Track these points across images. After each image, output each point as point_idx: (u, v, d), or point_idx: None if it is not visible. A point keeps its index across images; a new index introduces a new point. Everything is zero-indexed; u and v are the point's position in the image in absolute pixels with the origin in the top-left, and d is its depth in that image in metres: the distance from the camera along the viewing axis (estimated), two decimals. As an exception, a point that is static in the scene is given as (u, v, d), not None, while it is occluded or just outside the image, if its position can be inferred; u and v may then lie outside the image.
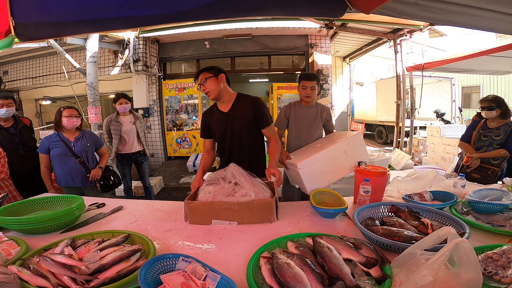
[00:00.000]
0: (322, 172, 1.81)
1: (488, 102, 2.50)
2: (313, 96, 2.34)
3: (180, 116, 6.41)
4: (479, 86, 11.18)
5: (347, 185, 3.40)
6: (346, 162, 1.88)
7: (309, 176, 1.77)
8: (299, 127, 2.39)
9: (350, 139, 1.94)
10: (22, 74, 7.03)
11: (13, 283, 0.79)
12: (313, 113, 2.39)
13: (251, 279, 0.85)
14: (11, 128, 2.47)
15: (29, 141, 2.59)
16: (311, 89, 2.29)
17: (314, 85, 2.29)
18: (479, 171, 2.51)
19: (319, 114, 2.40)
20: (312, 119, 2.39)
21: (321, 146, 2.02)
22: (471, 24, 1.45)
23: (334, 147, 1.89)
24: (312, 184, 1.77)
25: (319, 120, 2.40)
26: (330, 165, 1.84)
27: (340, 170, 1.89)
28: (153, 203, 1.73)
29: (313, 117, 2.39)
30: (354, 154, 1.90)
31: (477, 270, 0.71)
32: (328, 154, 1.85)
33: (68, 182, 2.38)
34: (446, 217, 1.22)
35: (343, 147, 1.90)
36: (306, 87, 2.29)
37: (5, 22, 1.37)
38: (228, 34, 5.96)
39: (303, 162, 1.78)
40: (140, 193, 4.33)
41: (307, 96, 2.32)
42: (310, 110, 2.40)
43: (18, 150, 2.46)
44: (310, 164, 1.78)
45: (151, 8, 1.42)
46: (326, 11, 1.53)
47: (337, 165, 1.86)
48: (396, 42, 5.62)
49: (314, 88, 2.30)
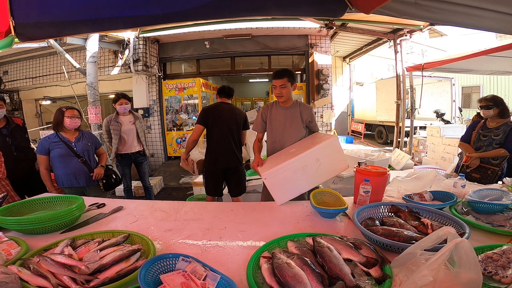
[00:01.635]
0: (292, 182, 1.64)
1: (486, 101, 2.51)
2: (287, 95, 2.11)
3: (180, 116, 6.41)
4: (479, 86, 11.18)
5: (347, 185, 3.40)
6: (319, 171, 1.68)
7: (276, 186, 1.62)
8: (275, 129, 2.19)
9: (323, 145, 1.71)
10: (22, 74, 7.03)
11: (14, 283, 0.79)
12: (291, 114, 2.16)
13: (251, 279, 0.86)
14: (3, 129, 2.44)
15: (21, 141, 2.56)
16: (281, 87, 2.07)
17: (285, 83, 2.06)
18: (479, 171, 2.51)
19: (299, 115, 2.16)
20: (290, 120, 2.16)
21: (294, 152, 1.83)
22: (471, 24, 1.45)
23: (305, 155, 1.68)
24: (280, 195, 1.62)
25: (299, 121, 2.16)
26: (300, 174, 1.66)
27: (313, 179, 1.70)
28: (153, 203, 1.73)
29: (290, 118, 2.16)
30: (329, 162, 1.71)
31: (477, 270, 0.71)
32: (298, 163, 1.67)
33: (71, 183, 2.36)
34: (446, 217, 1.22)
35: (315, 154, 1.69)
36: (275, 86, 2.09)
37: (5, 22, 1.37)
38: (228, 34, 5.96)
39: (269, 171, 1.63)
40: (140, 193, 4.33)
41: (278, 95, 2.11)
42: (288, 111, 2.17)
43: (11, 151, 2.43)
44: (276, 173, 1.62)
45: (151, 8, 1.42)
46: (326, 11, 1.53)
47: (309, 174, 1.67)
48: (396, 42, 5.62)
49: (285, 86, 2.07)
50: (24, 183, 2.47)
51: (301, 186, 1.69)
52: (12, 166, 2.35)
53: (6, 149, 2.38)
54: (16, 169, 2.41)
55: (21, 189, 2.41)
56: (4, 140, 2.42)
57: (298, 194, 1.67)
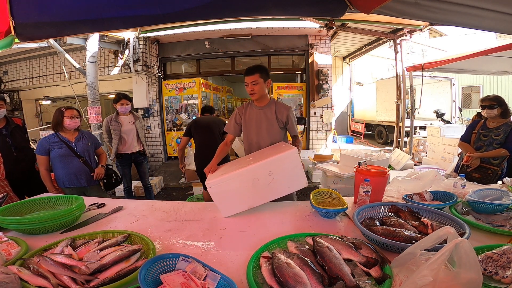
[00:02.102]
0: (239, 194, 1.48)
1: (489, 100, 2.50)
2: (260, 92, 1.92)
3: (180, 116, 6.41)
4: (479, 86, 11.18)
5: (347, 185, 3.40)
6: (273, 186, 1.48)
7: (221, 197, 1.48)
8: (250, 130, 2.01)
9: (278, 157, 1.50)
10: (22, 74, 7.03)
11: (14, 283, 0.79)
12: (265, 113, 1.97)
13: (251, 279, 0.85)
14: (3, 129, 2.44)
15: (21, 141, 2.56)
16: (252, 84, 1.89)
17: (256, 79, 1.88)
18: (479, 171, 2.51)
19: (275, 115, 1.95)
20: (265, 120, 1.96)
21: (250, 161, 1.64)
22: (471, 24, 1.45)
23: (256, 166, 1.49)
24: (226, 207, 1.48)
25: (275, 121, 1.96)
26: (249, 187, 1.48)
27: (265, 194, 1.51)
28: (153, 203, 1.73)
29: (265, 118, 1.96)
30: (285, 177, 1.50)
31: (477, 270, 0.71)
32: (248, 174, 1.49)
33: (72, 183, 2.36)
34: (446, 217, 1.22)
35: (268, 166, 1.48)
36: (247, 84, 1.91)
37: (5, 22, 1.37)
38: (228, 34, 5.97)
39: (214, 180, 1.49)
40: (140, 193, 4.34)
41: (251, 93, 1.93)
42: (262, 111, 1.97)
43: (11, 151, 2.42)
44: (222, 183, 1.47)
45: (151, 8, 1.42)
46: (326, 11, 1.53)
47: (260, 188, 1.48)
48: (396, 42, 5.62)
49: (257, 82, 1.89)
50: (24, 183, 2.46)
51: (250, 200, 1.50)
52: (12, 166, 2.36)
53: (6, 149, 2.38)
54: (16, 169, 2.41)
55: (21, 189, 2.41)
56: (4, 141, 2.41)
57: (246, 208, 1.50)
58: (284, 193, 1.52)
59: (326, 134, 6.34)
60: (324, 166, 3.75)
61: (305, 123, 6.14)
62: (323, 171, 3.75)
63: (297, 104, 6.44)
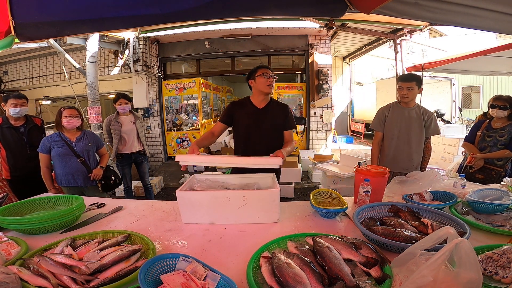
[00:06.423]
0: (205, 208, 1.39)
1: (503, 101, 2.42)
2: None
3: (180, 116, 6.41)
4: (479, 86, 11.18)
5: (347, 185, 3.41)
6: (243, 211, 1.37)
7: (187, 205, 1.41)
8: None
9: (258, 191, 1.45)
10: (22, 74, 7.03)
11: (14, 283, 0.79)
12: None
13: (251, 279, 0.85)
14: (21, 127, 2.52)
15: (36, 140, 2.60)
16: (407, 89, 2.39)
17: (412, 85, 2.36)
18: (483, 172, 2.50)
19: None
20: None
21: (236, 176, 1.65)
22: (471, 24, 1.45)
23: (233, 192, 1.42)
24: (188, 215, 1.41)
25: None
26: (220, 204, 1.38)
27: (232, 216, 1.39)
28: (153, 203, 1.73)
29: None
30: (258, 208, 1.38)
31: (477, 270, 0.71)
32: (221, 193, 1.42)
33: (69, 182, 2.38)
34: (446, 217, 1.22)
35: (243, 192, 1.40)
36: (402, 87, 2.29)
37: (5, 22, 1.37)
38: (228, 34, 5.96)
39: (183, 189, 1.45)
40: (140, 193, 4.33)
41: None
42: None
43: (24, 149, 2.51)
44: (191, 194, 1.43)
45: (151, 8, 1.42)
46: (326, 11, 1.53)
47: (228, 209, 1.38)
48: (396, 42, 5.61)
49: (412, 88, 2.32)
50: (31, 181, 2.52)
51: (217, 217, 1.40)
52: (24, 163, 2.52)
53: (20, 146, 2.50)
54: (28, 165, 2.53)
55: (27, 188, 2.45)
56: (20, 138, 2.51)
57: (208, 222, 1.41)
58: (252, 222, 1.39)
59: (326, 134, 6.33)
60: (324, 166, 3.75)
61: (305, 123, 6.14)
62: (323, 171, 3.76)
63: (297, 104, 6.45)
